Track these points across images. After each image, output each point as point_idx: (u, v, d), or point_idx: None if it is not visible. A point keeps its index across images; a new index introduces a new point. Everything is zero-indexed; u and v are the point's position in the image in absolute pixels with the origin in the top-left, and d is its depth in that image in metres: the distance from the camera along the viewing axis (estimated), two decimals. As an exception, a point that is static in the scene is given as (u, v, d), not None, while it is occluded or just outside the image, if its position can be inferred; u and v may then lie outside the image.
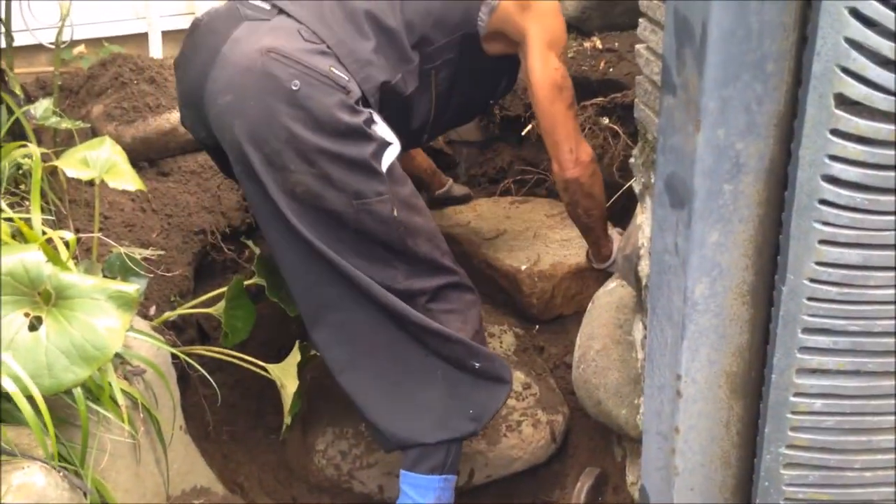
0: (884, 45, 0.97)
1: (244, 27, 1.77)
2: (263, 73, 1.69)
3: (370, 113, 1.77)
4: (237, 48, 1.74)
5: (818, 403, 1.16)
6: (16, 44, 2.18)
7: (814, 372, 1.14)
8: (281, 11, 1.80)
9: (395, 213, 1.76)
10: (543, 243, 2.44)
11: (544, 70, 1.98)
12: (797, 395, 1.15)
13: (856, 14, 0.96)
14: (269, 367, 2.03)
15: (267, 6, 1.82)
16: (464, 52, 2.00)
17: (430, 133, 2.14)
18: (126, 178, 1.90)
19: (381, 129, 1.78)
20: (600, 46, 2.93)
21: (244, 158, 1.74)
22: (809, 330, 1.12)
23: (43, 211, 1.72)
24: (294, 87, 1.68)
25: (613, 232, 2.31)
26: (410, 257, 1.81)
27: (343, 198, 1.72)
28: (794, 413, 1.17)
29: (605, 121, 2.60)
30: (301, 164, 1.70)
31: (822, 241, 1.06)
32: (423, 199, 1.92)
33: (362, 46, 1.80)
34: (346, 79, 1.73)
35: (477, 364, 1.86)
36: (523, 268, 2.32)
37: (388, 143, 1.78)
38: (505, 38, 2.04)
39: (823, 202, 1.05)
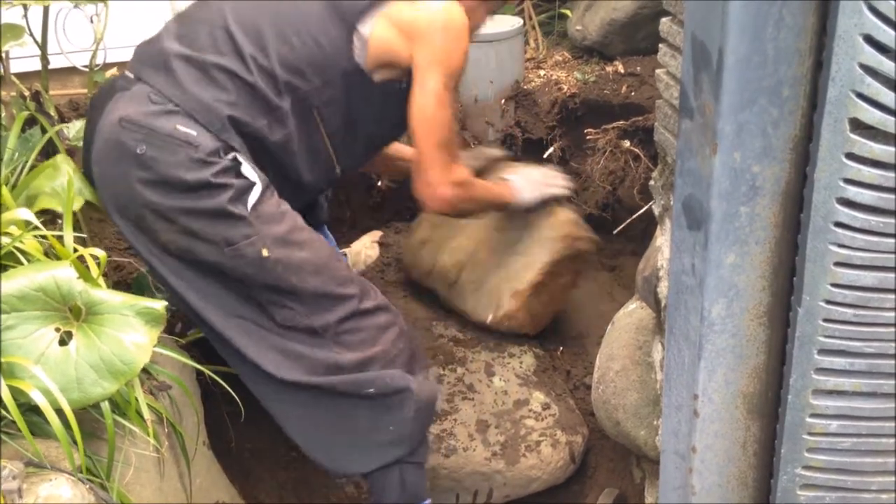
0: (897, 71, 0.98)
1: (114, 99, 1.81)
2: (116, 142, 1.74)
3: (230, 159, 1.74)
4: (105, 122, 1.78)
5: (834, 425, 1.16)
6: (51, 66, 2.24)
7: (830, 393, 1.15)
8: (140, 79, 1.81)
9: (266, 253, 1.73)
10: (498, 275, 2.32)
11: (419, 98, 1.86)
12: (813, 416, 1.16)
13: (870, 40, 0.98)
14: (292, 384, 2.05)
15: (132, 75, 1.83)
16: (351, 87, 1.88)
17: (345, 165, 2.03)
18: None
19: (246, 169, 1.75)
20: (622, 71, 2.96)
21: (119, 228, 1.80)
22: (825, 351, 1.13)
23: (74, 229, 1.76)
24: (140, 152, 1.70)
25: (504, 180, 2.20)
26: (301, 295, 1.79)
27: (214, 248, 1.73)
28: (810, 434, 1.18)
29: (627, 144, 2.62)
30: (163, 223, 1.73)
31: (838, 264, 1.08)
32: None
33: (217, 97, 1.76)
34: (194, 134, 1.72)
35: (371, 390, 1.84)
36: (489, 319, 2.32)
37: (252, 184, 1.74)
38: (399, 65, 1.90)
39: (839, 225, 1.06)
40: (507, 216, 2.31)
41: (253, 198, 1.74)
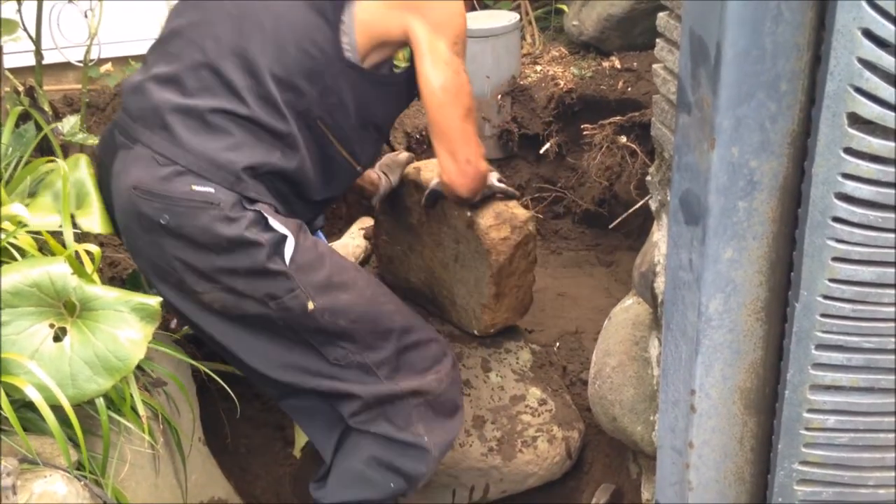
0: (896, 65, 0.98)
1: (119, 159, 1.74)
2: (135, 213, 1.68)
3: (254, 212, 1.66)
4: (117, 186, 1.73)
5: (832, 420, 1.16)
6: (45, 62, 2.23)
7: (827, 388, 1.15)
8: (138, 140, 1.70)
9: (312, 304, 1.69)
10: (461, 290, 2.28)
11: (432, 70, 1.73)
12: (811, 411, 1.16)
13: (868, 35, 0.98)
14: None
15: (128, 130, 1.73)
16: (350, 86, 1.77)
17: (365, 161, 1.94)
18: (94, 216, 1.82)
19: (274, 224, 1.68)
20: (619, 66, 2.96)
21: (158, 291, 1.76)
22: (823, 346, 1.12)
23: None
24: (164, 222, 1.64)
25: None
26: (352, 335, 1.76)
27: (259, 304, 1.69)
28: (807, 429, 1.17)
29: (623, 139, 2.62)
30: (206, 284, 1.69)
31: (836, 259, 1.08)
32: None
33: (219, 146, 1.66)
34: (212, 191, 1.64)
35: (397, 448, 1.83)
36: (476, 332, 2.30)
37: (284, 237, 1.68)
38: (392, 42, 1.79)
39: (837, 220, 1.06)
40: (437, 230, 2.25)
41: (288, 250, 1.68)
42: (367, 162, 1.96)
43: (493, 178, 2.13)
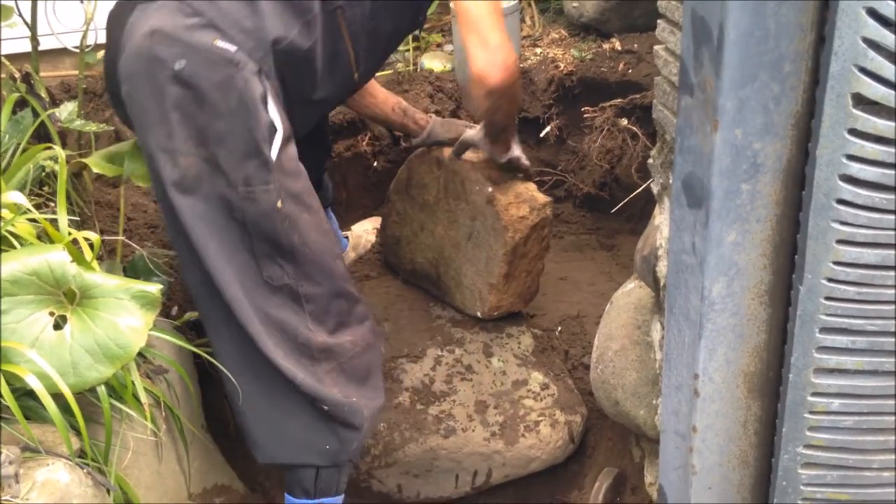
0: (901, 45, 0.97)
1: (136, 12, 1.71)
2: (150, 56, 1.64)
3: (265, 90, 1.67)
4: (131, 37, 1.69)
5: (836, 403, 1.16)
6: (41, 48, 2.21)
7: (832, 371, 1.14)
8: None
9: (280, 204, 1.68)
10: (470, 270, 2.28)
11: None
12: (815, 394, 1.16)
13: (873, 14, 0.96)
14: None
15: None
16: None
17: (363, 72, 1.95)
18: None
19: (272, 110, 1.68)
20: (619, 48, 2.94)
21: (144, 149, 1.71)
22: (827, 329, 1.12)
23: (68, 212, 1.74)
24: (178, 67, 1.61)
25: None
26: (298, 256, 1.75)
27: (229, 186, 1.67)
28: (811, 413, 1.17)
29: (624, 122, 2.60)
30: (192, 146, 1.65)
31: (840, 241, 1.07)
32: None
33: (246, 12, 1.67)
34: (233, 50, 1.63)
35: (325, 408, 1.80)
36: (479, 314, 2.30)
37: (275, 129, 1.68)
38: None
39: (841, 202, 1.05)
40: (453, 206, 2.26)
41: (277, 145, 1.68)
42: (363, 75, 1.97)
43: (518, 150, 2.16)
